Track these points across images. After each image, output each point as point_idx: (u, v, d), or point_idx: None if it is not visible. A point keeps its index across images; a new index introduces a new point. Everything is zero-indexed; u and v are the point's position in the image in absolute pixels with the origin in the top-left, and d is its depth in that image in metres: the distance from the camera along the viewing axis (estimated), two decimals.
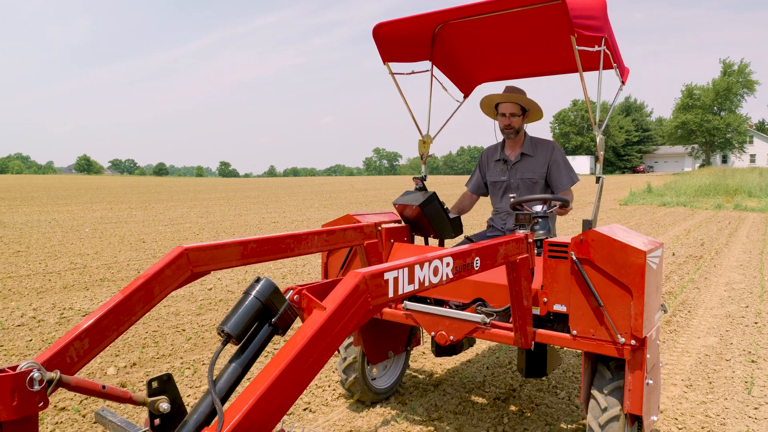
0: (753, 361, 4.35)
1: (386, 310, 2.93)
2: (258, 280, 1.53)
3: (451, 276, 1.93)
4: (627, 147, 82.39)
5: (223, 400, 1.40)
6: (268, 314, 1.52)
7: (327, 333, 1.45)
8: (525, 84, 3.85)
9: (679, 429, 3.23)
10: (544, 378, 3.87)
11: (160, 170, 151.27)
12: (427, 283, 1.79)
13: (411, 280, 1.71)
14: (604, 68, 2.95)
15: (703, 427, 3.25)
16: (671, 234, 12.47)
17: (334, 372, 4.00)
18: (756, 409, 3.48)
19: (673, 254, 9.50)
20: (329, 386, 3.77)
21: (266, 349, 4.26)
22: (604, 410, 2.41)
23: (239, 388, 3.41)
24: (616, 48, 3.06)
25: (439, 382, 3.85)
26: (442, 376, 3.99)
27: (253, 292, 1.50)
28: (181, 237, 11.51)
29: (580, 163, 70.83)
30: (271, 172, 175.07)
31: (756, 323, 5.38)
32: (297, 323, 5.32)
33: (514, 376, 4.00)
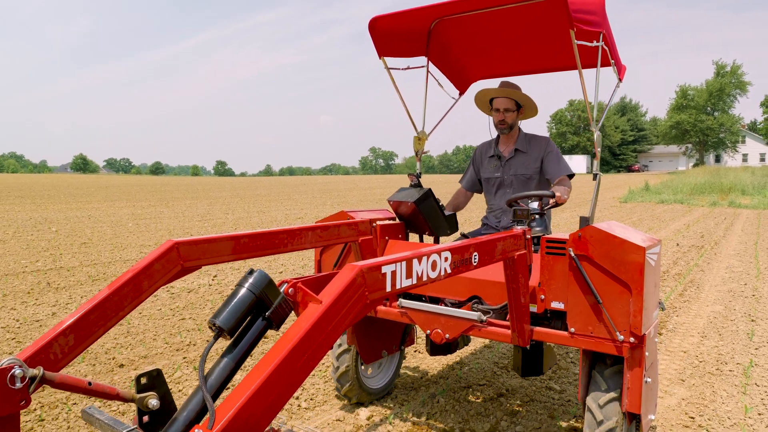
0: (753, 320, 5.36)
1: (381, 308, 2.89)
2: (251, 272, 1.47)
3: (449, 271, 1.89)
4: (622, 146, 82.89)
5: (215, 397, 1.35)
6: (261, 308, 1.46)
7: (323, 327, 1.41)
8: (521, 81, 3.82)
9: (700, 362, 4.26)
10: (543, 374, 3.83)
11: (157, 169, 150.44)
12: (425, 278, 1.75)
13: (409, 275, 1.67)
14: (602, 65, 2.93)
15: (717, 359, 4.30)
16: (672, 228, 13.12)
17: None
18: (756, 349, 4.56)
19: (677, 245, 10.25)
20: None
21: (259, 344, 4.23)
22: (602, 408, 2.38)
23: (231, 384, 3.37)
24: (614, 45, 3.03)
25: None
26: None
27: (247, 285, 1.44)
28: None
29: (577, 163, 71.01)
30: (268, 171, 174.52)
31: (754, 295, 6.33)
32: (292, 318, 5.34)
33: (509, 374, 3.97)
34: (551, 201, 2.98)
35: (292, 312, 1.53)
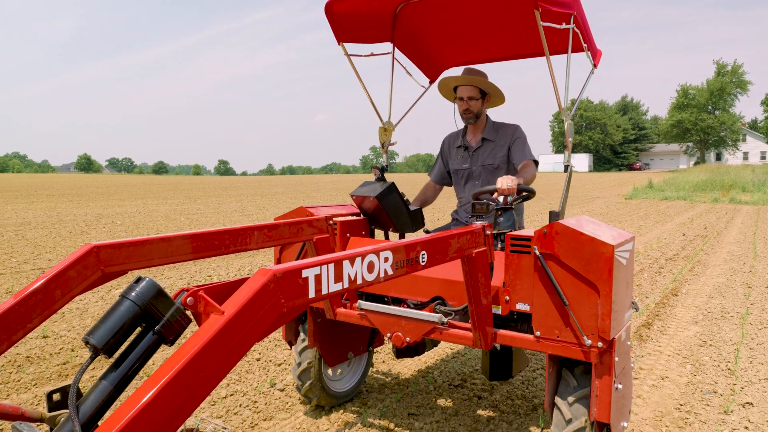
0: (749, 287, 6.68)
1: (340, 310, 2.73)
2: (138, 280, 1.32)
3: (390, 272, 1.74)
4: (624, 145, 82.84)
5: (89, 427, 1.19)
6: (151, 321, 1.31)
7: (225, 341, 1.25)
8: (523, 80, 3.65)
9: (708, 312, 5.54)
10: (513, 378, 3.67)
11: (160, 169, 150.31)
12: (359, 281, 1.61)
13: (339, 278, 1.52)
14: (573, 50, 2.76)
15: (722, 311, 5.59)
16: (677, 222, 14.16)
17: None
18: (752, 304, 5.88)
19: (684, 234, 11.43)
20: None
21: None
22: (569, 421, 2.21)
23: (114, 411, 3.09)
24: (587, 28, 2.86)
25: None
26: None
27: (131, 295, 1.28)
28: None
29: (579, 161, 70.60)
30: (270, 171, 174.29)
31: (751, 271, 7.67)
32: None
33: (483, 377, 3.81)
34: (525, 194, 2.81)
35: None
